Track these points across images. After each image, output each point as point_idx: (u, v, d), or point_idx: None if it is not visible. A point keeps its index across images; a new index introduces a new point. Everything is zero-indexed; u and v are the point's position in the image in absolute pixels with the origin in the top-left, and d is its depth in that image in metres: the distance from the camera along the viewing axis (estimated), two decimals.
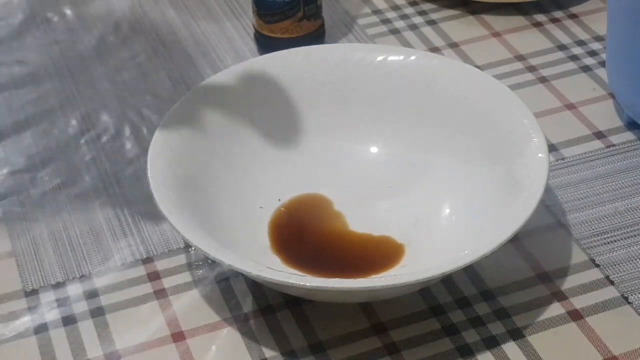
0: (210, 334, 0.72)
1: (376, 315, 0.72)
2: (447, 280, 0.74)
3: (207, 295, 0.75)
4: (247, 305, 0.74)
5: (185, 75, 0.96)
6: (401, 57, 0.83)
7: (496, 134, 0.77)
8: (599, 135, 0.87)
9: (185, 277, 0.76)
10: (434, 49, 0.98)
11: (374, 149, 0.82)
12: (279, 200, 0.80)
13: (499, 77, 0.92)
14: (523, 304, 0.72)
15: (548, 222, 0.79)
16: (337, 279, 0.69)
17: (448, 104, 0.80)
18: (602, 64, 0.94)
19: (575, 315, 0.71)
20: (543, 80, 0.94)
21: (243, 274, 0.74)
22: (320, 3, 0.97)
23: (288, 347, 0.71)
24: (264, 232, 0.78)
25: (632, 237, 0.77)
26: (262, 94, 0.82)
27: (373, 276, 0.73)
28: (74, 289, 0.76)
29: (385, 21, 1.03)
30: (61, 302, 0.75)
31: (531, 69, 0.95)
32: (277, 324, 0.72)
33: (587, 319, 0.71)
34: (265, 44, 0.97)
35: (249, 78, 0.82)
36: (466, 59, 0.97)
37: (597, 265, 0.75)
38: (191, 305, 0.74)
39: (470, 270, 0.74)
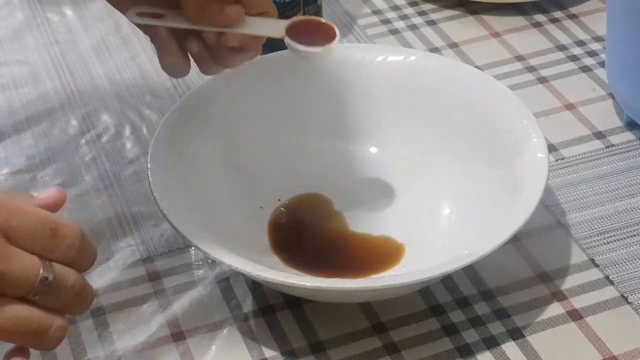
0: (210, 334, 0.72)
1: (376, 315, 0.72)
2: (447, 280, 0.74)
3: (207, 295, 0.75)
4: (247, 305, 0.74)
5: None
6: (401, 57, 0.83)
7: (496, 134, 0.77)
8: (599, 135, 0.87)
9: (185, 277, 0.76)
10: (434, 49, 0.98)
11: (373, 149, 0.83)
12: (279, 200, 0.80)
13: (499, 77, 0.92)
14: (523, 304, 0.72)
15: (548, 222, 0.79)
16: (337, 279, 0.69)
17: (448, 104, 0.80)
18: (602, 64, 0.94)
19: (575, 315, 0.71)
20: (543, 80, 0.94)
21: (243, 274, 0.74)
22: (320, 3, 0.97)
23: (288, 347, 0.71)
24: (264, 232, 0.78)
25: (631, 237, 0.77)
26: (262, 94, 0.82)
27: (373, 276, 0.73)
28: None
29: (385, 21, 1.03)
30: None
31: (531, 69, 0.95)
32: (277, 324, 0.72)
33: (586, 318, 0.71)
34: (266, 44, 0.97)
35: (249, 78, 0.82)
36: (466, 59, 0.97)
37: (597, 265, 0.75)
38: (191, 305, 0.74)
39: (470, 270, 0.74)
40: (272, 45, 0.95)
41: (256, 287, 0.75)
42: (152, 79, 0.96)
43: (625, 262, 0.75)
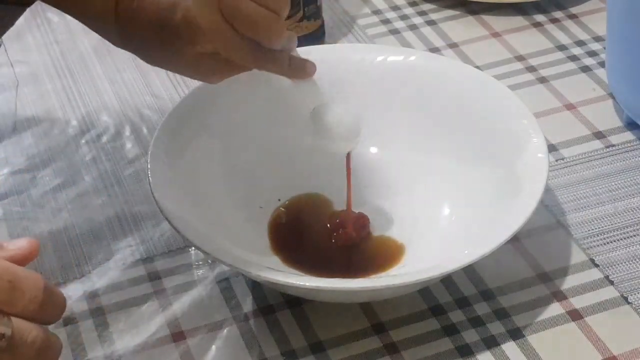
0: (210, 334, 0.72)
1: (376, 315, 0.72)
2: (447, 280, 0.74)
3: (207, 295, 0.75)
4: (247, 305, 0.74)
5: None
6: (401, 57, 0.83)
7: (496, 134, 0.77)
8: (599, 135, 0.87)
9: (185, 277, 0.76)
10: (434, 49, 0.98)
11: (373, 149, 0.82)
12: (279, 200, 0.80)
13: (499, 77, 0.92)
14: (523, 304, 0.72)
15: (548, 222, 0.79)
16: (337, 279, 0.69)
17: (448, 104, 0.80)
18: (602, 64, 0.94)
19: (575, 315, 0.71)
20: (543, 80, 0.94)
21: (243, 274, 0.74)
22: (320, 3, 0.97)
23: (288, 347, 0.71)
24: (264, 232, 0.78)
25: (631, 237, 0.77)
26: (262, 94, 0.82)
27: (373, 276, 0.73)
28: (74, 289, 0.76)
29: (385, 21, 1.03)
30: None
31: (531, 69, 0.95)
32: (277, 324, 0.72)
33: (586, 318, 0.71)
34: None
35: (249, 78, 0.82)
36: (466, 59, 0.97)
37: (597, 265, 0.75)
38: (191, 305, 0.74)
39: (470, 270, 0.74)
40: None
41: (256, 287, 0.75)
42: (152, 79, 0.96)
43: (625, 262, 0.75)
